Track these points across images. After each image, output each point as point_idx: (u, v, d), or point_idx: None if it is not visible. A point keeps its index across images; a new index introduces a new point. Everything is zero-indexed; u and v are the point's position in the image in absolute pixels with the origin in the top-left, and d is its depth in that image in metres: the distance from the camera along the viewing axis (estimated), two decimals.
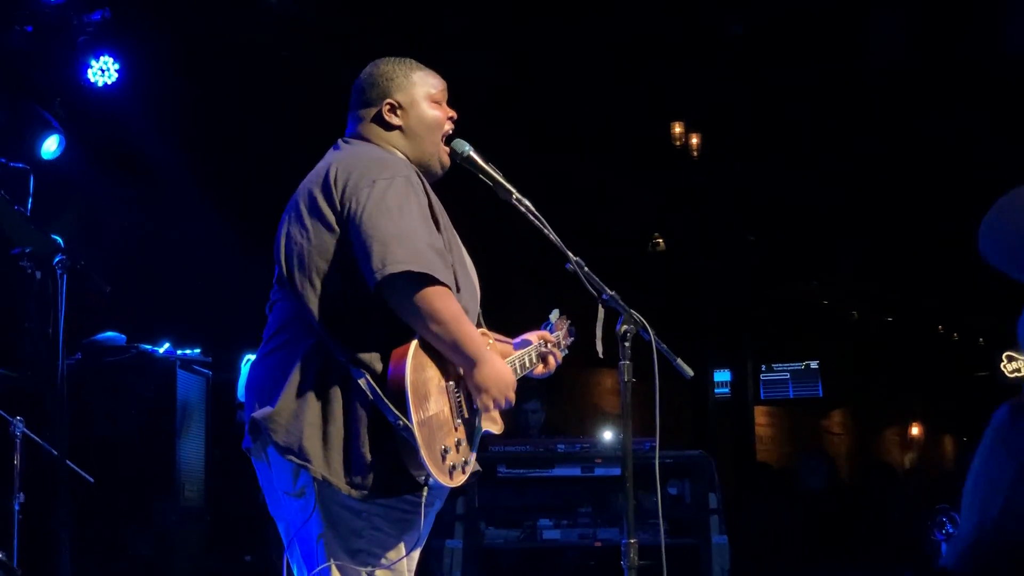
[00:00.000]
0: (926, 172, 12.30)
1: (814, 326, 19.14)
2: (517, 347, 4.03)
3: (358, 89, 3.83)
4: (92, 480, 6.52)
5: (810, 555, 10.97)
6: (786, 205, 13.61)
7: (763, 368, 17.60)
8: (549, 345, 4.09)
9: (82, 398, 7.13)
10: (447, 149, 3.84)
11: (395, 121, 3.76)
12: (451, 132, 3.85)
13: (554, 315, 4.26)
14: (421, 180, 3.65)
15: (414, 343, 3.43)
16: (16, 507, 6.15)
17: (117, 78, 8.22)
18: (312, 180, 3.64)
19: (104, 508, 7.03)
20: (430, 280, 3.41)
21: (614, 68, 10.20)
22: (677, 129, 11.60)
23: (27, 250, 6.42)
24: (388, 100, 3.77)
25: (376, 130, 3.77)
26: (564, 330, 4.27)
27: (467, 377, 3.55)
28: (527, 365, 3.96)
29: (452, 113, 3.86)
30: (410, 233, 3.44)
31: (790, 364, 17.72)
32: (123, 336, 7.65)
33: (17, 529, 6.11)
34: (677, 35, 9.82)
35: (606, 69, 10.21)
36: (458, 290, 3.61)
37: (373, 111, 3.78)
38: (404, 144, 3.75)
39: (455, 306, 3.48)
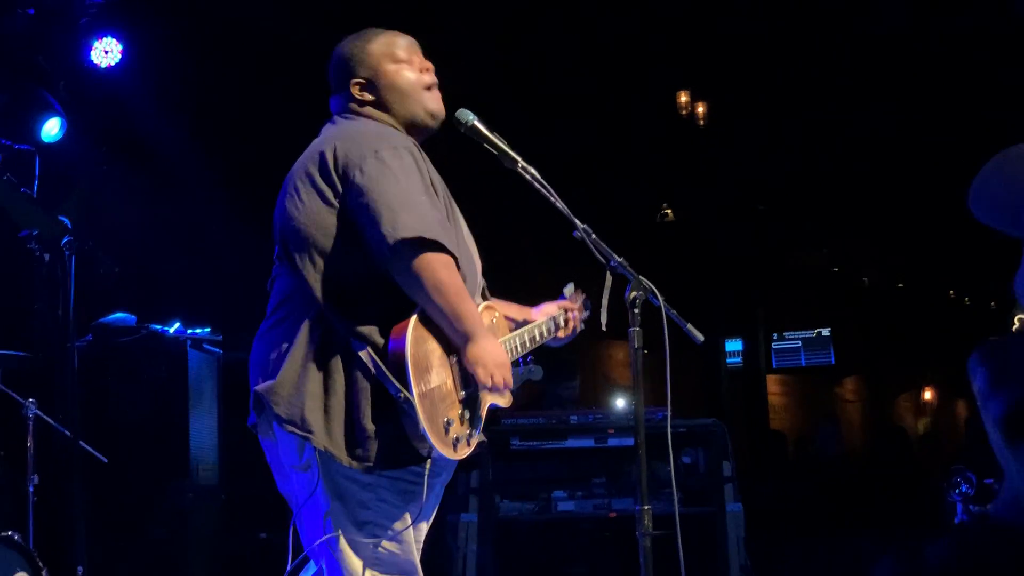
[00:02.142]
0: (935, 136, 12.24)
1: (825, 294, 19.12)
2: (536, 314, 4.10)
3: (329, 76, 3.89)
4: (105, 460, 6.54)
5: (825, 522, 10.97)
6: (795, 173, 13.56)
7: (775, 337, 17.59)
8: (568, 313, 4.13)
9: (93, 379, 7.15)
10: (434, 96, 3.81)
11: (367, 97, 3.78)
12: (432, 83, 3.83)
13: (568, 289, 4.27)
14: (421, 152, 3.65)
15: (415, 316, 3.43)
16: (31, 489, 6.17)
17: (120, 59, 8.20)
18: (308, 156, 3.64)
19: (118, 488, 7.04)
20: (438, 247, 3.40)
21: (619, 36, 10.15)
22: (683, 98, 11.55)
23: (35, 232, 6.42)
24: (354, 79, 3.79)
25: (353, 107, 3.78)
26: (579, 303, 4.27)
27: (461, 352, 3.54)
28: (537, 339, 3.97)
29: (426, 64, 3.84)
30: (416, 201, 3.44)
31: (802, 332, 17.73)
32: (133, 317, 7.65)
33: (32, 511, 6.13)
34: (682, 1, 9.77)
35: (611, 38, 10.16)
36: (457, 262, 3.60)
37: (345, 93, 3.81)
38: (384, 116, 3.76)
39: (457, 279, 3.48)
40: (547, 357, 4.24)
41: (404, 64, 3.81)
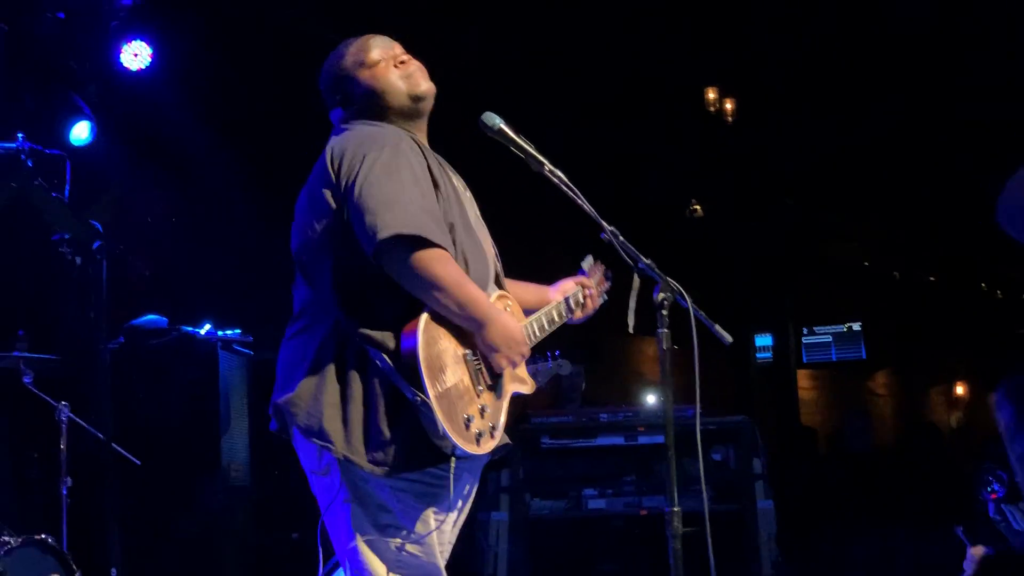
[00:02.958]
0: (966, 130, 12.19)
1: (855, 288, 19.03)
2: (554, 292, 4.12)
3: (322, 97, 3.95)
4: (138, 463, 6.58)
5: (857, 517, 10.95)
6: (823, 167, 13.53)
7: (805, 331, 17.52)
8: (585, 290, 4.14)
9: (126, 382, 7.19)
10: (411, 78, 3.82)
11: (352, 108, 3.82)
12: (407, 71, 3.84)
13: (587, 262, 4.28)
14: (418, 144, 3.69)
15: (424, 316, 3.44)
16: (64, 491, 6.21)
17: (150, 63, 8.23)
18: (315, 170, 3.69)
19: (150, 490, 7.09)
20: (424, 243, 3.41)
21: (647, 34, 10.14)
22: (711, 95, 11.54)
23: (66, 236, 6.46)
24: (336, 95, 3.87)
25: (347, 120, 3.84)
26: (599, 275, 4.28)
27: (477, 339, 3.56)
28: (556, 320, 3.99)
29: (400, 56, 3.86)
30: (400, 198, 3.45)
31: (832, 327, 17.62)
32: (164, 319, 7.69)
33: (65, 513, 6.17)
34: None
35: (639, 35, 10.15)
36: (462, 254, 3.62)
37: (337, 108, 3.89)
38: (375, 119, 3.78)
39: (454, 269, 3.48)
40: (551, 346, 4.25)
41: (378, 65, 3.83)
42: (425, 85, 3.84)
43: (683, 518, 3.71)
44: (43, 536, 5.91)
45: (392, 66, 3.84)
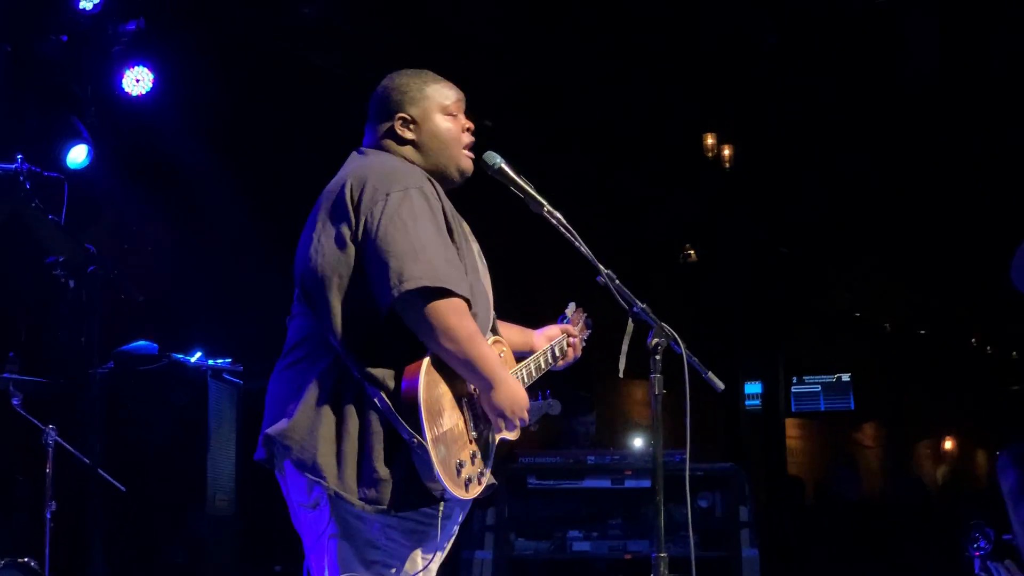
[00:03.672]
0: (959, 184, 12.24)
1: (846, 338, 19.06)
2: (539, 337, 4.11)
3: (374, 102, 3.85)
4: (124, 489, 6.56)
5: (842, 569, 10.92)
6: (818, 217, 13.57)
7: (794, 380, 17.51)
8: (569, 339, 4.14)
9: (114, 407, 7.16)
10: (468, 155, 3.84)
11: (408, 135, 3.77)
12: (469, 144, 3.85)
13: (570, 308, 4.30)
14: (436, 189, 3.65)
15: (426, 359, 3.43)
16: (48, 515, 6.18)
17: (151, 88, 8.25)
18: (327, 194, 3.64)
19: (136, 517, 7.06)
20: (446, 293, 3.41)
21: (647, 78, 10.18)
22: (710, 140, 11.58)
23: (61, 259, 6.46)
24: (401, 114, 3.78)
25: (390, 143, 3.78)
26: (581, 323, 4.29)
27: (483, 399, 3.56)
28: (543, 366, 3.99)
29: (468, 124, 3.86)
30: (425, 247, 3.43)
31: (822, 376, 17.62)
32: (155, 345, 7.67)
33: (49, 537, 6.15)
34: (711, 45, 9.80)
35: (640, 79, 10.20)
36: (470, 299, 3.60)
37: (387, 125, 3.80)
38: (418, 157, 3.75)
39: (471, 324, 3.48)
40: (564, 392, 4.25)
41: (451, 117, 3.82)
42: (471, 168, 3.85)
43: (669, 563, 3.70)
44: (26, 559, 5.89)
45: (462, 129, 3.85)
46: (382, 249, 3.42)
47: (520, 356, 3.98)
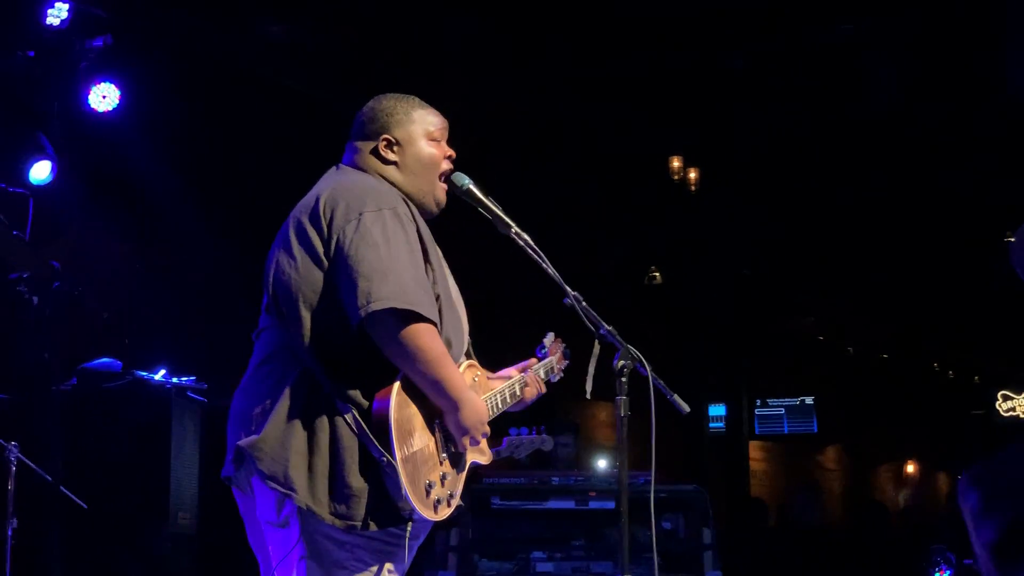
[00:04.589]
0: (923, 211, 12.33)
1: (810, 362, 19.14)
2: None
3: (359, 122, 3.86)
4: (85, 506, 6.52)
5: None
6: (782, 240, 13.64)
7: (758, 403, 17.57)
8: (532, 373, 4.12)
9: (77, 424, 7.12)
10: (444, 187, 3.86)
11: (391, 157, 3.79)
12: (448, 171, 3.87)
13: (548, 339, 4.30)
14: (411, 211, 3.66)
15: (398, 381, 3.45)
16: (10, 532, 6.14)
17: (118, 104, 8.24)
18: (301, 209, 3.65)
19: (97, 534, 7.00)
20: (415, 317, 3.42)
21: (614, 100, 10.22)
22: (675, 163, 11.62)
23: (24, 275, 6.43)
24: (385, 136, 3.80)
25: (372, 162, 3.79)
26: (559, 353, 4.30)
27: (448, 419, 3.57)
28: (508, 400, 3.97)
29: (450, 152, 3.88)
30: (396, 268, 3.45)
31: (785, 399, 17.69)
32: (119, 362, 7.63)
33: (10, 554, 6.10)
34: (678, 68, 9.84)
35: (606, 101, 10.23)
36: (444, 328, 3.61)
37: (371, 144, 3.81)
38: (400, 179, 3.77)
39: (439, 346, 3.49)
40: (543, 414, 4.26)
41: (435, 143, 3.84)
42: (444, 200, 3.87)
43: None
44: None
45: (443, 157, 3.86)
46: (352, 268, 3.43)
47: None
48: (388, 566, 3.51)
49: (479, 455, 3.77)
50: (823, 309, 17.46)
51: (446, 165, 3.86)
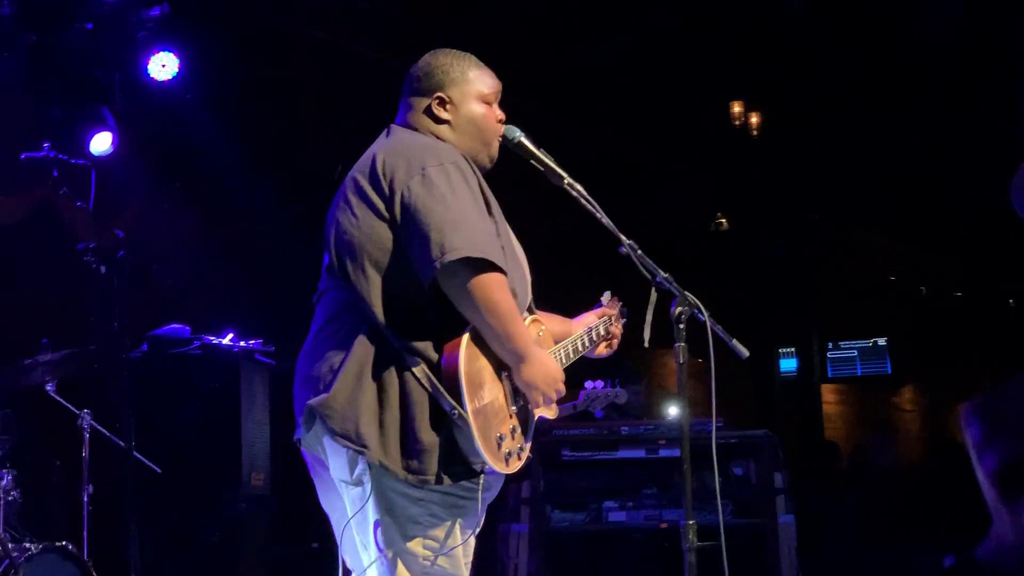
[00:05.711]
0: (996, 144, 12.14)
1: (881, 303, 18.96)
2: (576, 326, 4.10)
3: (413, 77, 3.85)
4: (159, 471, 6.61)
5: (880, 534, 10.89)
6: (849, 182, 13.49)
7: (830, 346, 17.45)
8: (609, 322, 4.14)
9: (148, 390, 7.20)
10: (496, 145, 3.84)
11: (444, 115, 3.78)
12: (501, 132, 3.86)
13: (605, 297, 4.30)
14: (471, 166, 3.65)
15: (468, 333, 3.44)
16: (85, 498, 6.24)
17: (177, 73, 8.27)
18: (360, 168, 3.65)
19: (171, 498, 7.11)
20: (488, 266, 3.41)
21: (672, 47, 10.13)
22: (736, 108, 11.52)
23: (91, 245, 6.50)
24: (439, 94, 3.78)
25: (425, 121, 3.78)
26: (616, 311, 4.28)
27: (514, 373, 3.57)
28: (580, 349, 3.99)
29: (501, 115, 3.87)
30: (466, 219, 3.45)
31: (857, 341, 17.56)
32: (187, 328, 7.71)
33: (87, 520, 6.20)
34: (736, 11, 9.73)
35: (664, 48, 10.15)
36: (510, 280, 3.60)
37: (424, 102, 3.80)
38: (452, 138, 3.76)
39: (509, 299, 3.49)
40: (611, 362, 4.25)
41: (487, 105, 3.84)
42: (496, 156, 3.87)
43: (702, 532, 3.71)
44: (64, 543, 5.95)
45: (496, 119, 3.85)
46: (422, 221, 3.43)
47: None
48: (460, 521, 3.53)
49: (546, 409, 3.77)
50: (893, 249, 17.28)
51: (497, 128, 3.85)
